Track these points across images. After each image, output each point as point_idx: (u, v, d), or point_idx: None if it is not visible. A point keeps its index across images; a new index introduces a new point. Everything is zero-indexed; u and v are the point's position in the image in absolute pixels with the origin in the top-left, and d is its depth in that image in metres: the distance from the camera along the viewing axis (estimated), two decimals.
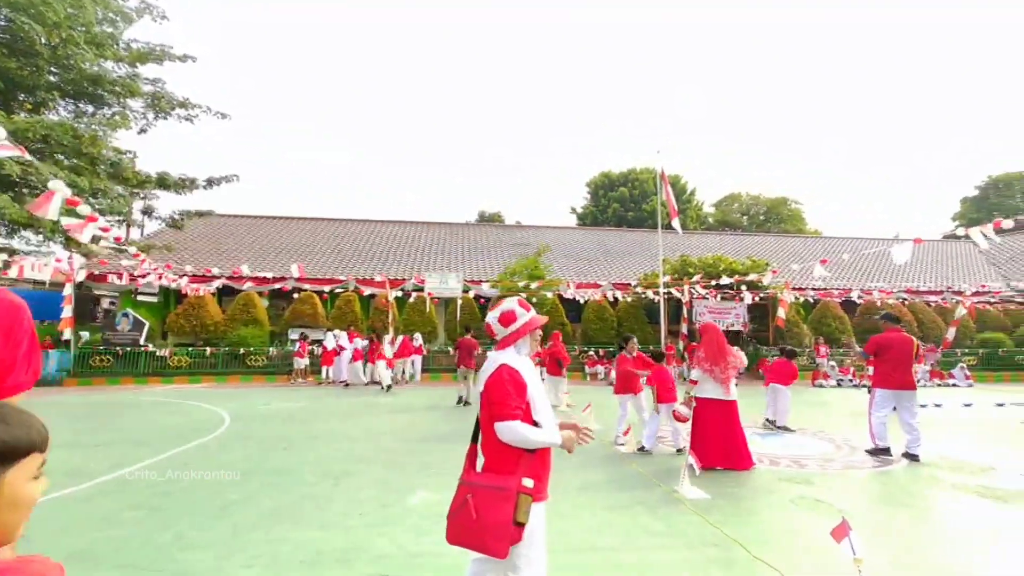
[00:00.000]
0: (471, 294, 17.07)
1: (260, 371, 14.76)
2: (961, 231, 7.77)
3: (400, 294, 16.27)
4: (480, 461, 2.17)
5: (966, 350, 16.74)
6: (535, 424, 2.09)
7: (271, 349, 15.19)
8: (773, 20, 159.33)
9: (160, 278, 13.97)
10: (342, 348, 13.80)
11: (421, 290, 16.55)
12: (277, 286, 16.99)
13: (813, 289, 18.57)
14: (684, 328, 16.97)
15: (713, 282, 14.35)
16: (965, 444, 6.65)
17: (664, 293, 14.87)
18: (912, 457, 5.59)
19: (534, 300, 15.61)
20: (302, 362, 13.98)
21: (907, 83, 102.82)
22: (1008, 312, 18.63)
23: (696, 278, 15.68)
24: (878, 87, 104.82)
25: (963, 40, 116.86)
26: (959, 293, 18.22)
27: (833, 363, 15.22)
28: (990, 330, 17.91)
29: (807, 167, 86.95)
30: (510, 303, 2.26)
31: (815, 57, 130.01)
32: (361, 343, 14.07)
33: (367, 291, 16.94)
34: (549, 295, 15.44)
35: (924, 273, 22.33)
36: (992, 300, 18.79)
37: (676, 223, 13.25)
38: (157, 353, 14.28)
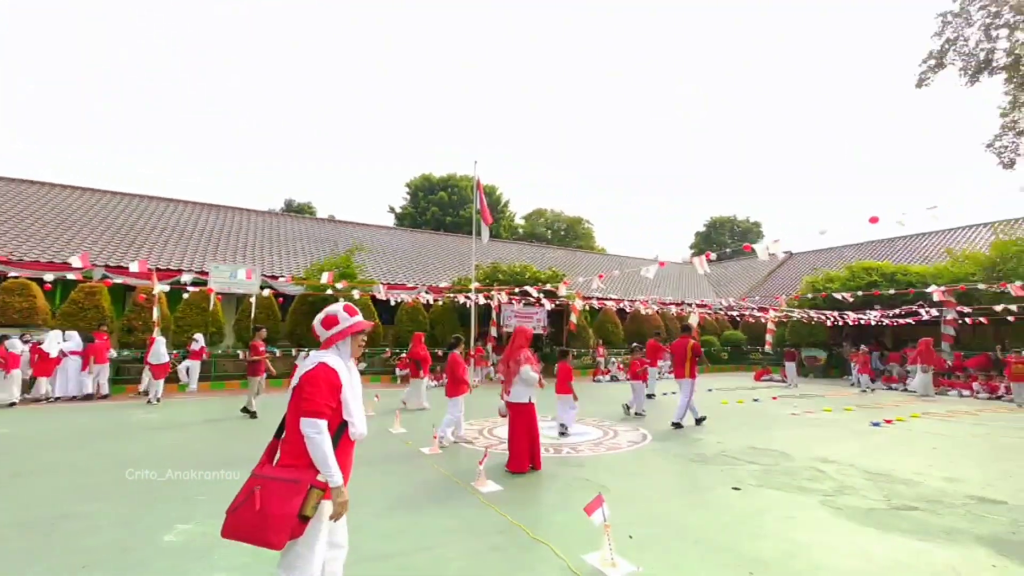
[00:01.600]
0: (266, 292, 15.17)
1: None
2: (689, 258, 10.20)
3: (168, 288, 13.41)
4: (277, 456, 2.15)
5: None
6: (345, 424, 2.18)
7: None
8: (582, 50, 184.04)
9: None
10: (69, 354, 10.81)
11: (204, 284, 14.00)
12: None
13: (597, 298, 21.87)
14: (493, 331, 18.13)
15: (517, 289, 15.69)
16: (688, 422, 8.67)
17: (475, 298, 15.64)
18: (677, 425, 8.07)
19: (342, 300, 14.72)
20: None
21: (667, 133, 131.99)
22: (718, 320, 25.01)
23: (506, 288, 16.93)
24: (647, 134, 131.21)
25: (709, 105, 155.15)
26: (697, 304, 23.72)
27: (614, 360, 18.20)
28: (707, 334, 23.79)
29: (597, 191, 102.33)
30: (335, 307, 2.36)
31: (605, 96, 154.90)
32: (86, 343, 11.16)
33: (120, 282, 13.51)
34: (357, 295, 14.74)
35: (671, 288, 28.39)
36: (709, 312, 24.94)
37: (485, 233, 14.15)
38: None
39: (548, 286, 14.21)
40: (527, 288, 14.77)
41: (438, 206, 38.09)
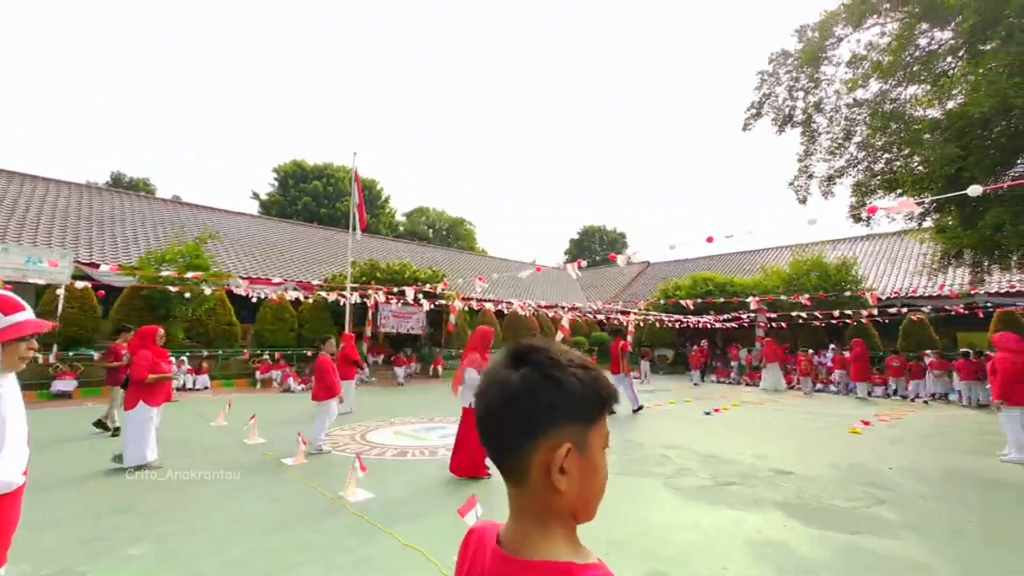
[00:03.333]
0: (81, 284, 12.59)
1: None
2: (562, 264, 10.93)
3: None
4: None
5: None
6: None
7: None
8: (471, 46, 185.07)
9: None
10: None
11: None
12: None
13: (476, 300, 22.19)
14: (369, 331, 17.33)
15: (396, 289, 15.24)
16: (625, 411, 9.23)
17: (351, 296, 14.81)
18: (637, 410, 9.74)
19: (189, 295, 12.84)
20: None
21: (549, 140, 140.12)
22: (587, 322, 27.11)
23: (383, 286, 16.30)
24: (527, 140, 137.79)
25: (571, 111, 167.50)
26: (569, 307, 25.37)
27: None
28: (577, 335, 25.65)
29: (479, 192, 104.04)
30: None
31: (496, 98, 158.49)
32: None
33: None
34: (208, 290, 13.00)
35: (547, 291, 30.02)
36: (580, 314, 26.92)
37: (359, 231, 13.58)
38: None
39: (428, 286, 14.04)
40: (405, 288, 14.44)
41: (311, 196, 35.29)
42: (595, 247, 50.83)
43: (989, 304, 14.90)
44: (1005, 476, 5.56)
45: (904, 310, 15.94)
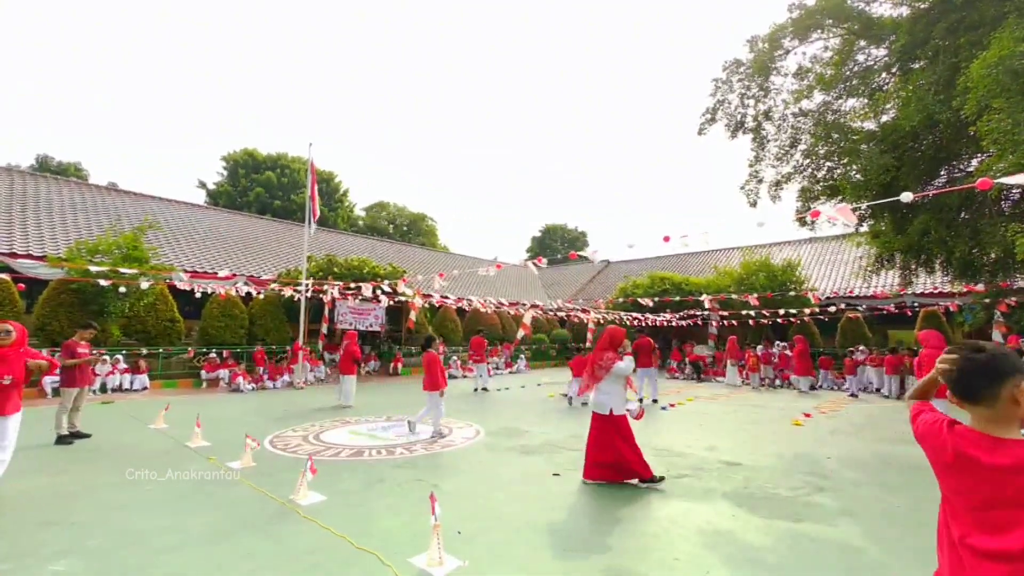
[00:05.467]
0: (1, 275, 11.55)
1: None
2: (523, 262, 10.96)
3: None
4: None
5: (524, 347, 23.51)
6: None
7: None
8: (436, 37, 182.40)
9: None
10: None
11: None
12: None
13: (437, 297, 21.94)
14: (324, 328, 16.80)
15: (354, 285, 14.84)
16: (517, 415, 9.26)
17: (306, 291, 14.30)
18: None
19: (124, 289, 12.02)
20: None
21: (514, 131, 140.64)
22: (548, 319, 27.37)
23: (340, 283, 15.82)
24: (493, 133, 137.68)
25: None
26: (531, 305, 25.48)
27: (456, 358, 18.43)
28: (539, 333, 25.84)
29: (441, 188, 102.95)
30: None
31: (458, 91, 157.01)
32: None
33: None
34: (147, 284, 12.23)
35: (508, 289, 30.08)
36: (541, 312, 27.15)
37: (313, 225, 13.18)
38: None
39: (387, 283, 13.75)
40: (363, 284, 14.09)
41: (264, 187, 33.82)
42: (556, 245, 51.38)
43: (916, 304, 16.14)
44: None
45: (843, 307, 17.02)
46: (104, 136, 76.20)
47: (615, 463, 4.88)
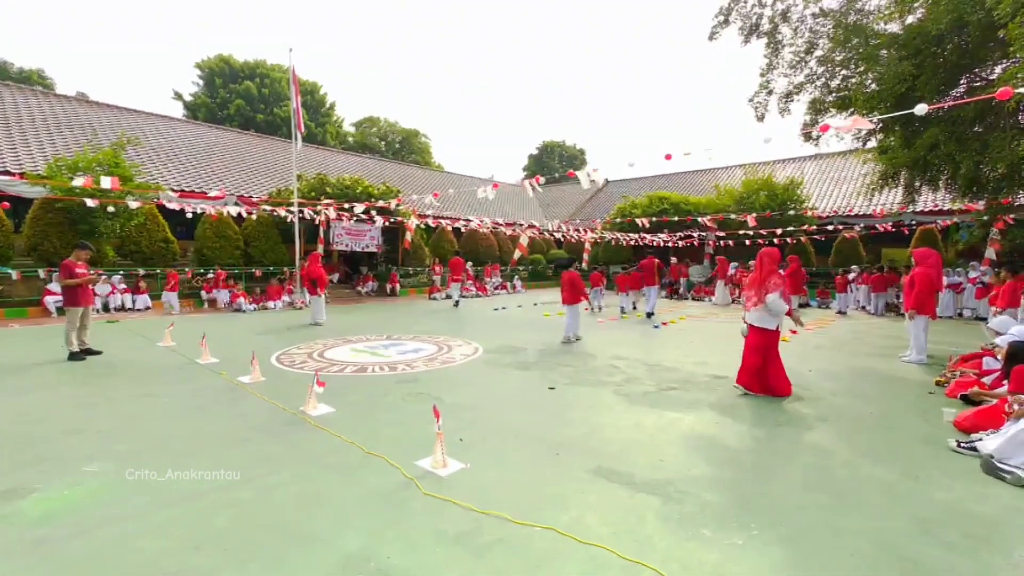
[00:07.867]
0: None
1: None
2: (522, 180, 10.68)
3: None
4: None
5: (521, 268, 23.66)
6: None
7: None
8: None
9: None
10: None
11: None
12: None
13: (433, 217, 21.63)
14: (321, 248, 16.73)
15: (348, 205, 14.55)
16: (514, 333, 9.56)
17: (299, 212, 14.05)
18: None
19: (112, 208, 11.77)
20: None
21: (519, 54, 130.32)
22: (545, 240, 27.28)
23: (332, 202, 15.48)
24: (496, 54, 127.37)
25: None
26: (527, 226, 25.25)
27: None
28: (536, 253, 25.88)
29: (434, 102, 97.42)
30: None
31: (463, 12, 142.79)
32: None
33: None
34: (134, 203, 11.95)
35: (505, 208, 29.61)
36: (538, 232, 26.97)
37: (299, 140, 12.60)
38: None
39: (382, 202, 13.47)
40: (356, 204, 13.81)
41: (244, 99, 31.88)
42: (554, 163, 49.78)
43: (914, 222, 16.09)
44: (903, 375, 6.36)
45: (840, 227, 16.97)
46: (66, 39, 70.07)
47: (770, 373, 5.35)
